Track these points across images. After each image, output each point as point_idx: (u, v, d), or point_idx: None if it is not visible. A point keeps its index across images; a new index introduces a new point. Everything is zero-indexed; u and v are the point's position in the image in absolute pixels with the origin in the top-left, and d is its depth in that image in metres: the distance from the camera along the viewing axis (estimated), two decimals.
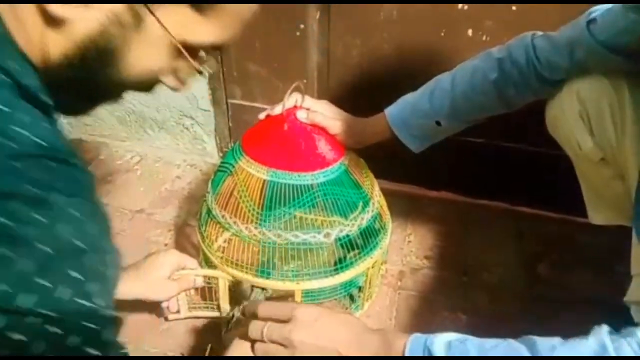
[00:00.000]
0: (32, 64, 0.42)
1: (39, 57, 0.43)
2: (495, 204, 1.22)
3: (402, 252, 1.10)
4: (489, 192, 1.22)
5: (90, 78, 0.45)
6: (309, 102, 0.87)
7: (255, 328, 0.62)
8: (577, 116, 0.76)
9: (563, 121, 0.78)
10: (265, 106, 1.20)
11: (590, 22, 0.73)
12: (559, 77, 0.78)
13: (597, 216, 0.88)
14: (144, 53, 0.45)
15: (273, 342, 0.61)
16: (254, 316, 0.65)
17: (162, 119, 1.32)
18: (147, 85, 0.50)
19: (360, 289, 0.94)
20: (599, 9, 0.73)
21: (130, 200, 1.20)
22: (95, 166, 1.31)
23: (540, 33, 0.78)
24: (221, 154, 1.34)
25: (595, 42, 0.72)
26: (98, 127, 1.37)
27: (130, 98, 1.30)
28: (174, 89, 0.51)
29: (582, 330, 0.52)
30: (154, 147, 1.37)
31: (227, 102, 1.25)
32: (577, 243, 1.12)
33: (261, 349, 0.62)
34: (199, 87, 1.23)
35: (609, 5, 0.72)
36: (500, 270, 1.06)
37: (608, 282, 0.96)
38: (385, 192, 0.95)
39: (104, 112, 1.34)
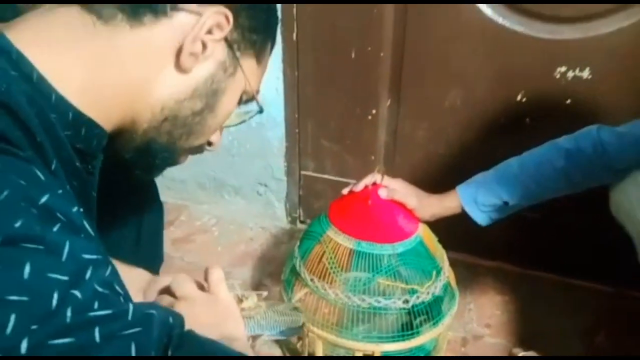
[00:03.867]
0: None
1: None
2: (549, 276, 1.29)
3: (464, 320, 1.17)
4: (543, 264, 1.29)
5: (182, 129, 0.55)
6: (387, 180, 0.99)
7: None
8: None
9: (627, 205, 0.84)
10: (334, 178, 1.33)
11: None
12: (625, 166, 0.84)
13: None
14: (230, 98, 0.56)
15: None
16: None
17: (239, 185, 1.45)
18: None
19: (428, 353, 1.01)
20: None
21: (210, 258, 1.31)
22: (177, 226, 1.44)
23: (605, 127, 0.86)
24: (289, 219, 1.46)
25: None
26: (180, 191, 1.52)
27: (212, 166, 1.45)
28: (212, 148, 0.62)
29: None
30: (229, 211, 1.50)
31: (300, 173, 1.38)
32: (632, 316, 1.17)
33: None
34: (276, 159, 1.37)
35: None
36: (558, 340, 1.11)
37: None
38: None
39: (187, 179, 1.49)
